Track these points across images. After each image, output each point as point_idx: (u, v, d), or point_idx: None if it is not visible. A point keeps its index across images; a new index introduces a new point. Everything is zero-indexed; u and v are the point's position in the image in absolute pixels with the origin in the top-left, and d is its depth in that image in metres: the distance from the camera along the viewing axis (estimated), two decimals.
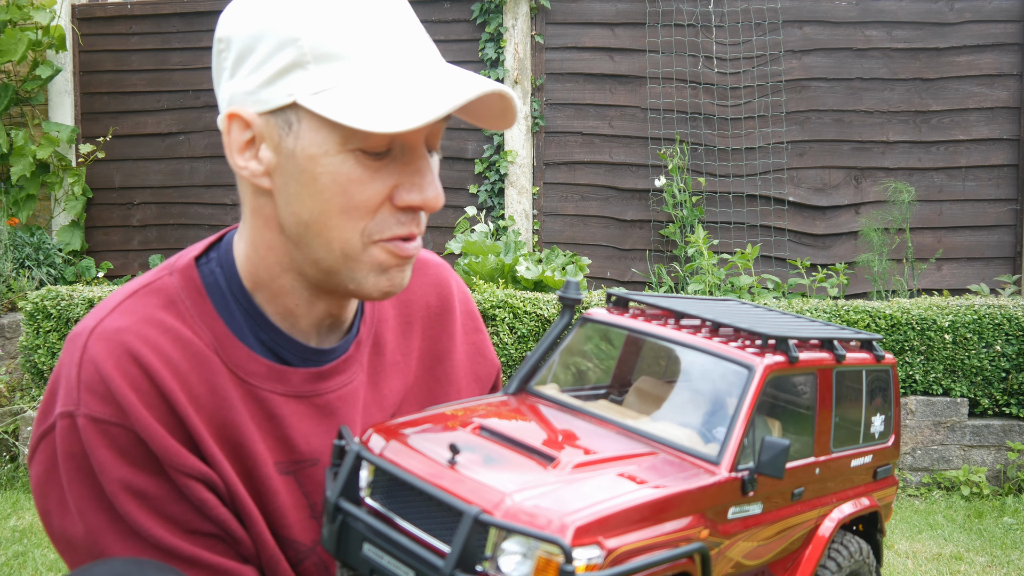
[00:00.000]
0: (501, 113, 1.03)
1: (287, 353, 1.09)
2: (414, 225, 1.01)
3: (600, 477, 0.88)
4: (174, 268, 1.08)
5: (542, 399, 1.10)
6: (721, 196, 5.53)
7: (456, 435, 0.94)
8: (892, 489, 1.31)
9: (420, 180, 0.99)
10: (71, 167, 5.99)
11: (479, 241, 4.82)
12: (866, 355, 1.22)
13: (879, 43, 5.43)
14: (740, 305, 1.30)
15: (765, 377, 1.01)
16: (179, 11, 6.04)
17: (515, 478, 0.85)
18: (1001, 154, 5.37)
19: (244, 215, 1.07)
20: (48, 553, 3.24)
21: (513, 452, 0.91)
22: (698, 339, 1.07)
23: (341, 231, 0.98)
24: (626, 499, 0.85)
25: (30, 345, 4.26)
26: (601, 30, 5.65)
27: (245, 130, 0.99)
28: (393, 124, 0.91)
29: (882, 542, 1.29)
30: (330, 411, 1.10)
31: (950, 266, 5.42)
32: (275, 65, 0.96)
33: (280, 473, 1.07)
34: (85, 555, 0.98)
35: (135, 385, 0.97)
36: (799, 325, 1.20)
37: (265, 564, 1.05)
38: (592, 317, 1.16)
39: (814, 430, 1.11)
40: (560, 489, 0.84)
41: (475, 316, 1.32)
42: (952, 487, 4.14)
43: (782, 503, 1.05)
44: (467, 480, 0.85)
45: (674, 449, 0.98)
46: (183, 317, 1.04)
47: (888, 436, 1.28)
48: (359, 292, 1.03)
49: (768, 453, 0.94)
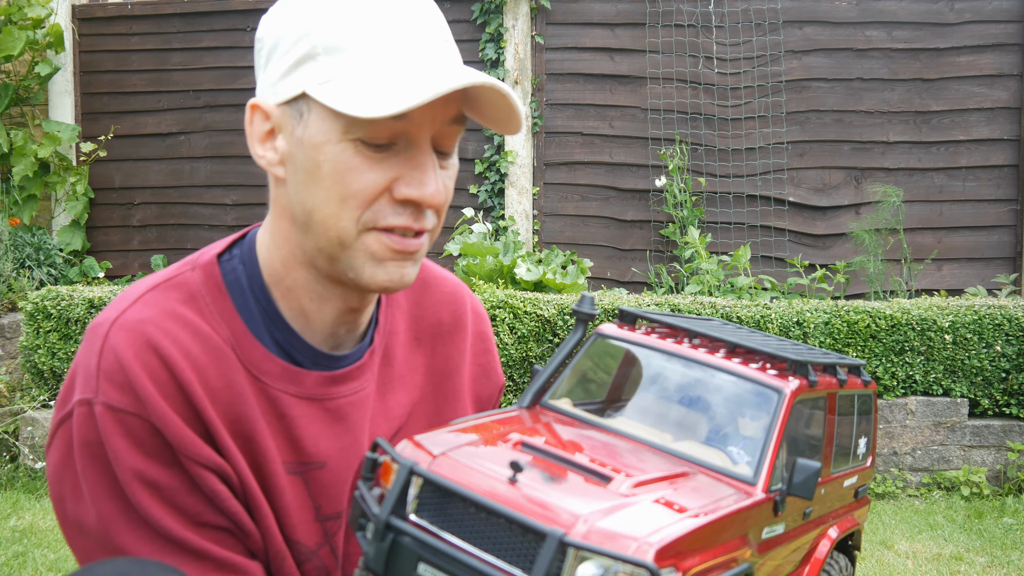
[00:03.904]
0: (507, 116, 1.03)
1: (300, 355, 1.10)
2: (413, 219, 1.01)
3: (657, 498, 0.87)
4: (196, 264, 1.09)
5: (560, 414, 1.08)
6: (721, 196, 5.53)
7: (507, 452, 0.92)
8: (867, 508, 1.35)
9: (420, 175, 1.00)
10: (72, 167, 5.99)
11: (477, 242, 4.82)
12: (856, 379, 1.24)
13: (879, 43, 5.43)
14: (723, 327, 1.31)
15: (793, 400, 1.02)
16: (179, 11, 6.04)
17: (581, 499, 0.84)
18: (1001, 154, 5.37)
19: (269, 207, 1.11)
20: (48, 553, 3.24)
21: (567, 470, 0.89)
22: (723, 360, 1.07)
23: (338, 219, 1.00)
24: (691, 520, 0.84)
25: (30, 345, 4.26)
26: (601, 30, 5.65)
27: (265, 121, 1.04)
28: (373, 110, 0.93)
29: (856, 557, 1.33)
30: (340, 416, 1.11)
31: (950, 266, 5.42)
32: (291, 58, 1.00)
33: (287, 473, 1.07)
34: (96, 542, 0.99)
35: (154, 376, 0.98)
36: (790, 347, 1.22)
37: (272, 559, 1.06)
38: (605, 333, 1.15)
39: (822, 452, 1.13)
40: (627, 510, 0.83)
41: (486, 338, 1.33)
42: (952, 487, 4.14)
43: (797, 522, 1.07)
44: (534, 500, 0.83)
45: (708, 469, 0.98)
46: (203, 313, 1.05)
47: (868, 457, 1.32)
48: (358, 283, 1.04)
49: (800, 475, 0.95)
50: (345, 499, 1.12)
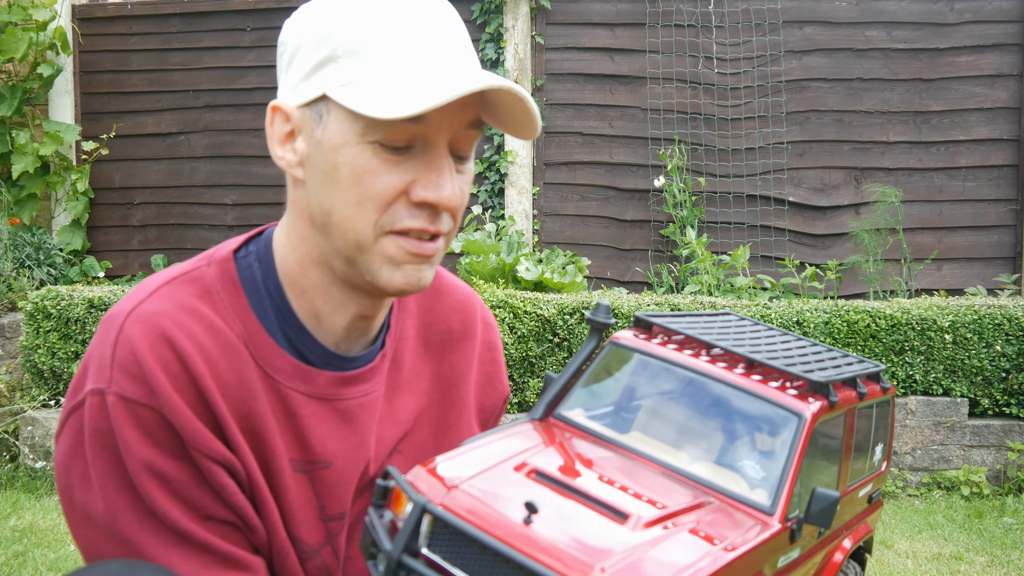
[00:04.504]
0: (524, 120, 1.04)
1: (312, 355, 1.10)
2: (429, 222, 1.02)
3: (674, 537, 0.85)
4: (212, 259, 1.10)
5: (574, 428, 1.06)
6: (721, 196, 5.53)
7: (522, 483, 0.90)
8: (880, 510, 1.32)
9: (437, 178, 1.00)
10: (72, 166, 5.99)
11: (480, 240, 4.82)
12: (875, 386, 1.21)
13: (879, 43, 5.43)
14: (740, 322, 1.28)
15: (813, 424, 0.99)
16: (179, 11, 6.04)
17: (597, 543, 0.82)
18: (1001, 154, 5.38)
19: (286, 208, 1.12)
20: (48, 553, 3.24)
21: (581, 506, 0.87)
22: (740, 377, 1.04)
23: (355, 221, 1.00)
24: (707, 564, 0.82)
25: (30, 345, 4.26)
26: (601, 30, 5.65)
27: (285, 123, 1.04)
28: (390, 111, 0.94)
29: (866, 560, 1.31)
30: (349, 417, 1.11)
31: (950, 266, 5.42)
32: (312, 60, 1.01)
33: (293, 470, 1.08)
34: (103, 532, 1.00)
35: (167, 368, 0.99)
36: (811, 353, 1.19)
37: (275, 555, 1.06)
38: (621, 342, 1.12)
39: (839, 468, 1.11)
40: (643, 556, 0.81)
41: (494, 347, 1.33)
42: (952, 487, 4.14)
43: (812, 543, 1.05)
44: (550, 545, 0.80)
45: (723, 495, 0.96)
46: (217, 308, 1.06)
47: (883, 462, 1.29)
48: (375, 286, 1.04)
49: (819, 504, 0.93)
50: (349, 500, 1.12)
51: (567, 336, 4.09)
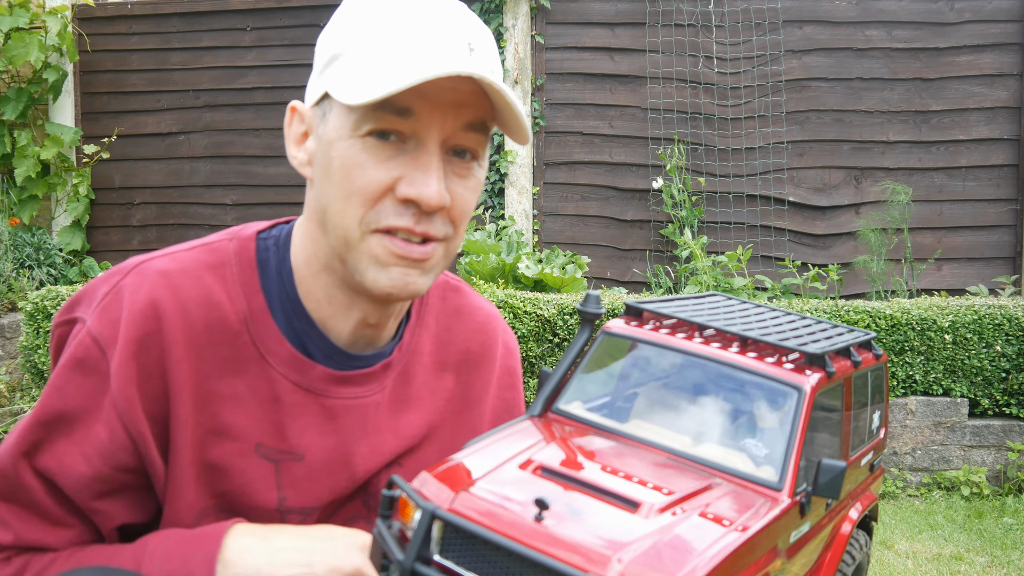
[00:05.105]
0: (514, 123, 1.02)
1: (313, 346, 1.10)
2: (415, 222, 1.00)
3: (687, 521, 0.85)
4: (236, 235, 1.12)
5: (574, 421, 1.05)
6: (721, 196, 5.53)
7: (529, 481, 0.89)
8: (882, 477, 1.32)
9: (422, 175, 0.99)
10: (73, 168, 5.99)
11: (480, 240, 4.81)
12: (868, 354, 1.21)
13: (879, 43, 5.43)
14: (728, 301, 1.27)
15: (813, 397, 0.99)
16: (179, 11, 6.04)
17: (610, 533, 0.81)
18: (1001, 154, 5.37)
19: None
20: None
21: (591, 498, 0.86)
22: (736, 356, 1.03)
23: (343, 216, 1.01)
24: (722, 547, 0.81)
25: (30, 345, 4.26)
26: (601, 30, 5.64)
27: (301, 123, 1.07)
28: (359, 97, 0.95)
29: (873, 529, 1.30)
30: (333, 415, 1.10)
31: (950, 266, 5.42)
32: (322, 60, 1.03)
33: (260, 456, 1.07)
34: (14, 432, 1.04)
35: (142, 324, 1.02)
36: (801, 326, 1.19)
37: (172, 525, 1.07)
38: (613, 331, 1.11)
39: (841, 438, 1.10)
40: (658, 543, 0.80)
41: (513, 373, 1.31)
42: (952, 487, 4.14)
43: (821, 515, 1.05)
44: (564, 540, 0.80)
45: (730, 475, 0.95)
46: (225, 282, 1.07)
47: (881, 429, 1.29)
48: (363, 286, 1.03)
49: (826, 476, 0.92)
50: (317, 498, 1.11)
51: (567, 336, 4.09)
